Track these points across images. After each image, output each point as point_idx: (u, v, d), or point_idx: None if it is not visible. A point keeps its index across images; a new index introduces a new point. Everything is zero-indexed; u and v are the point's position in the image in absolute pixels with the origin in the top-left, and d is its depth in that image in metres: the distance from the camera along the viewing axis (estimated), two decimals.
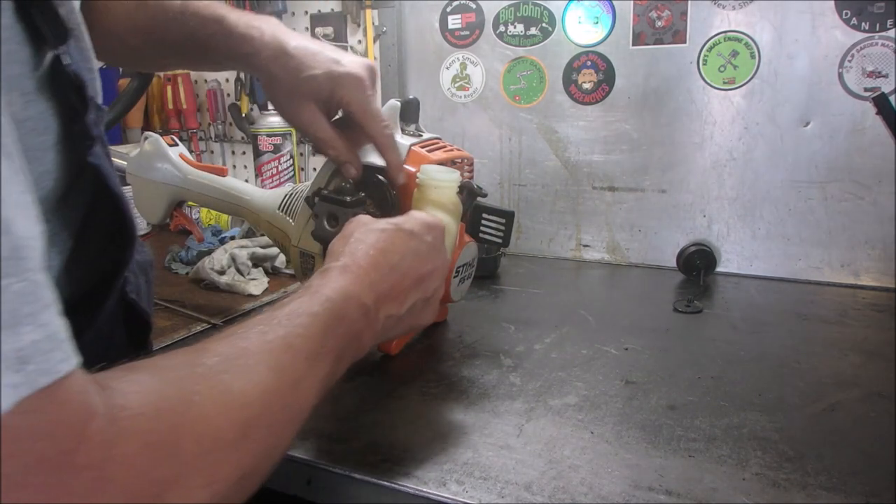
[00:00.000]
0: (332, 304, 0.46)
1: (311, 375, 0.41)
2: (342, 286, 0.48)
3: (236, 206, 0.89)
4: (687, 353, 0.78)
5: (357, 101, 0.65)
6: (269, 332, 0.40)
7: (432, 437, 0.59)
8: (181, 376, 0.34)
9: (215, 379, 0.35)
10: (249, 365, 0.37)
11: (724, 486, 0.51)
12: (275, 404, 0.37)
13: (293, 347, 0.41)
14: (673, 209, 1.16)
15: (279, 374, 0.38)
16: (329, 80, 0.64)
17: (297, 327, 0.42)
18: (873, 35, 0.98)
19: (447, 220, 0.65)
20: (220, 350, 0.37)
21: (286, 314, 0.43)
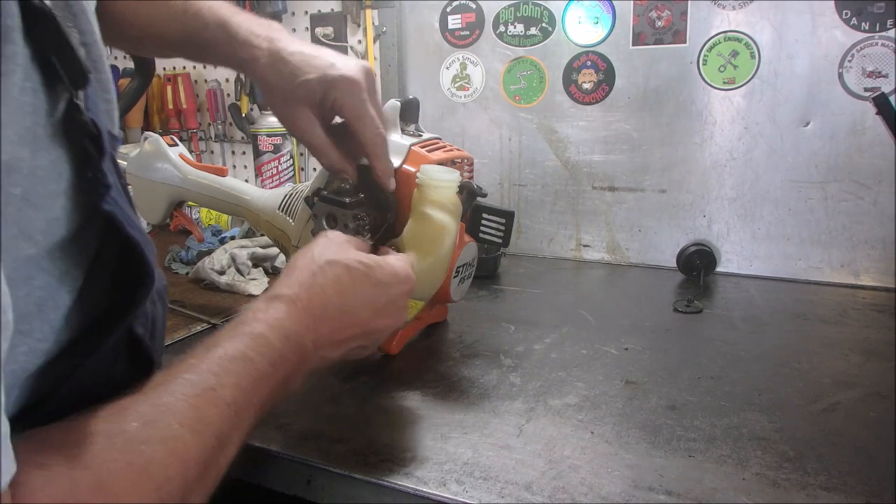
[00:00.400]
0: (270, 348, 0.44)
1: (237, 429, 0.40)
2: (285, 325, 0.46)
3: (236, 206, 0.89)
4: (687, 353, 0.78)
5: (350, 105, 0.64)
6: (198, 382, 0.39)
7: (432, 437, 0.59)
8: (97, 454, 0.32)
9: (133, 453, 0.33)
10: (171, 429, 0.35)
11: (724, 486, 0.51)
12: (194, 470, 0.36)
13: (221, 401, 0.39)
14: (673, 209, 1.16)
15: (203, 434, 0.37)
16: (322, 83, 0.63)
17: (229, 376, 0.40)
18: (873, 35, 0.98)
19: (447, 220, 0.65)
20: (142, 411, 0.36)
21: (219, 359, 0.41)
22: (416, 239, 0.65)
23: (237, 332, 0.44)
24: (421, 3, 1.28)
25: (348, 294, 0.51)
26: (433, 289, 0.68)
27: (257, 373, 0.42)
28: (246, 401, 0.41)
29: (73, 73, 0.34)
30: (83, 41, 0.40)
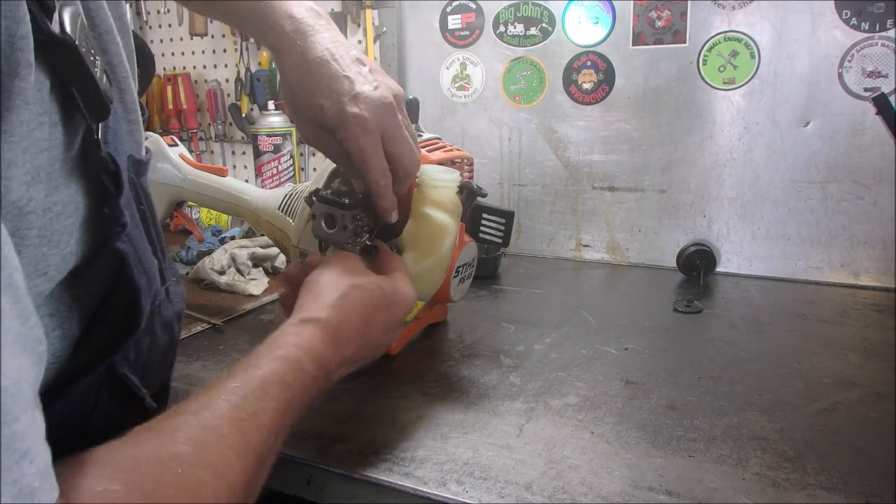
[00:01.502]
0: (304, 373, 0.45)
1: (273, 451, 0.41)
2: (316, 349, 0.47)
3: (236, 206, 0.89)
4: (687, 353, 0.78)
5: (358, 149, 0.58)
6: (242, 406, 0.39)
7: (432, 437, 0.59)
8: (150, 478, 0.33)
9: (186, 478, 0.34)
10: (220, 452, 0.36)
11: (724, 486, 0.51)
12: (239, 492, 0.37)
13: (262, 425, 0.40)
14: (673, 209, 1.16)
15: (247, 457, 0.38)
16: (334, 116, 0.57)
17: (270, 400, 0.41)
18: (873, 35, 0.98)
19: (447, 220, 0.65)
20: (192, 435, 0.36)
21: (259, 382, 0.42)
22: (416, 239, 0.65)
23: (275, 356, 0.45)
24: (421, 3, 1.28)
25: (369, 318, 0.53)
26: (433, 289, 0.68)
27: (293, 398, 0.43)
28: (282, 424, 0.42)
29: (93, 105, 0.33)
30: (108, 61, 0.39)
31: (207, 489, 0.34)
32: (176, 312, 0.47)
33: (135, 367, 0.42)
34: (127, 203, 0.37)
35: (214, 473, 0.35)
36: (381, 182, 0.60)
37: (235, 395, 0.40)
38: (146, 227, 0.43)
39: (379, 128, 0.58)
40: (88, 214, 0.34)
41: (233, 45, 1.56)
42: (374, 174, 0.59)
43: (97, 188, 0.35)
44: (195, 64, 1.64)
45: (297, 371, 0.44)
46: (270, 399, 0.41)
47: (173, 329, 0.47)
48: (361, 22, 1.36)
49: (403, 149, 0.60)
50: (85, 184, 0.34)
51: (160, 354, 0.46)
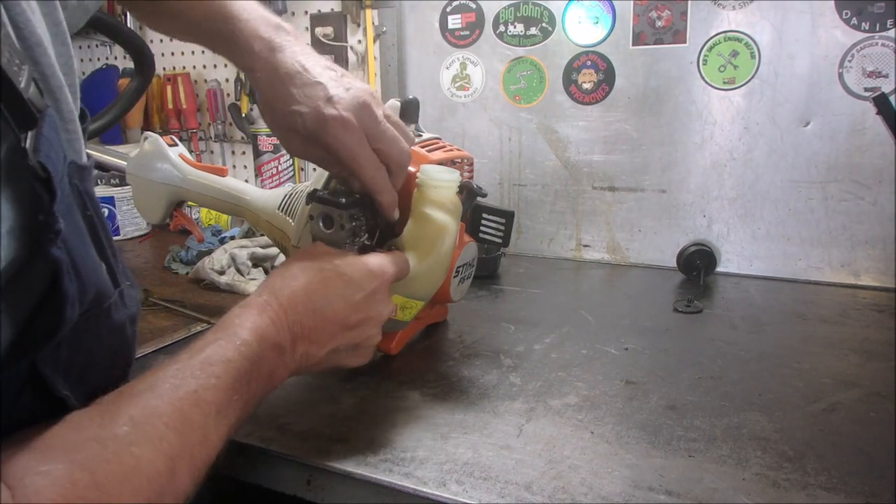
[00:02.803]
0: (248, 347, 0.47)
1: (219, 427, 0.43)
2: (258, 326, 0.48)
3: (236, 206, 0.89)
4: (687, 353, 0.78)
5: (344, 148, 0.58)
6: (181, 385, 0.42)
7: (432, 437, 0.59)
8: (92, 456, 0.35)
9: (124, 454, 0.36)
10: (158, 430, 0.38)
11: (724, 486, 0.51)
12: (181, 467, 0.39)
13: (203, 402, 0.42)
14: (673, 209, 1.16)
15: (187, 433, 0.40)
16: (315, 121, 0.58)
17: (210, 377, 0.43)
18: (873, 35, 0.98)
19: (447, 220, 0.65)
20: (131, 414, 0.38)
21: (200, 363, 0.44)
22: (416, 239, 0.65)
23: (216, 337, 0.47)
24: (421, 3, 1.28)
25: (319, 294, 0.53)
26: (433, 289, 0.68)
27: (237, 372, 0.45)
28: (227, 399, 0.44)
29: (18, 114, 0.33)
30: (40, 72, 0.40)
31: (145, 463, 0.37)
32: (129, 315, 0.48)
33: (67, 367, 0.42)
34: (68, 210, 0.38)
35: (152, 449, 0.37)
36: (376, 176, 0.61)
37: (175, 376, 0.42)
38: (93, 231, 0.43)
39: (360, 126, 0.59)
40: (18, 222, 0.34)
41: None
42: (366, 170, 0.60)
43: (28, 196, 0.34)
44: (195, 64, 1.63)
45: (238, 347, 0.46)
46: (211, 377, 0.43)
47: (124, 332, 0.47)
48: (361, 22, 1.36)
49: (390, 143, 0.61)
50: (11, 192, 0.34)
51: (107, 357, 0.46)
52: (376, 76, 1.36)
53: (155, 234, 1.43)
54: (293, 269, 0.55)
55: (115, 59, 1.76)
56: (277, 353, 0.49)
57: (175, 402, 0.41)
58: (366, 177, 0.61)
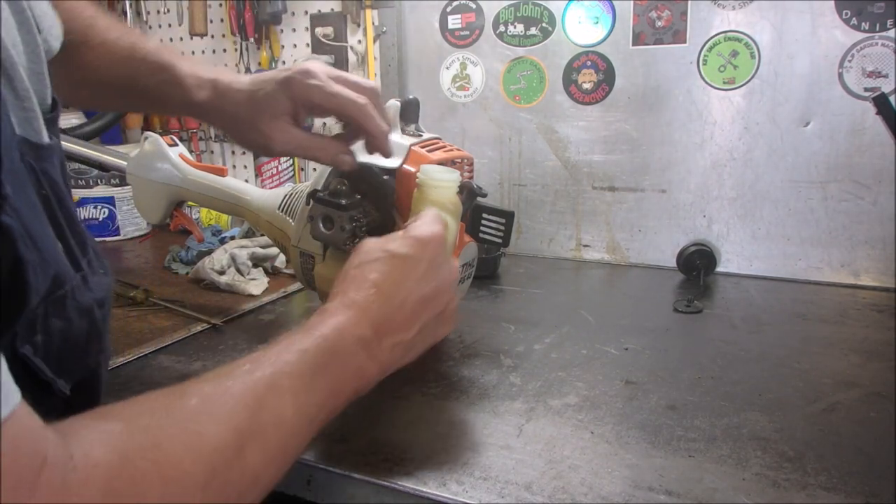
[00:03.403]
0: (325, 340, 0.47)
1: (298, 413, 0.43)
2: (337, 323, 0.49)
3: (236, 206, 0.89)
4: (687, 353, 0.78)
5: (315, 89, 0.63)
6: (256, 370, 0.42)
7: (432, 437, 0.59)
8: (154, 423, 0.35)
9: (190, 422, 0.36)
10: (228, 406, 0.38)
11: (724, 486, 0.51)
12: (251, 445, 0.38)
13: (277, 386, 0.42)
14: (673, 209, 1.16)
15: (259, 413, 0.40)
16: (282, 85, 0.63)
17: (285, 365, 0.43)
18: (873, 35, 0.98)
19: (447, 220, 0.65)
20: (203, 390, 0.39)
21: (275, 352, 0.44)
22: None
23: (292, 334, 0.47)
24: (421, 3, 1.28)
25: (384, 283, 0.53)
26: None
27: (314, 363, 0.45)
28: (303, 386, 0.43)
29: None
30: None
31: (210, 433, 0.36)
32: (96, 300, 0.47)
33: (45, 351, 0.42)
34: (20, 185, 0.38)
35: (219, 421, 0.37)
36: (359, 102, 0.64)
37: (250, 362, 0.43)
38: (50, 212, 0.43)
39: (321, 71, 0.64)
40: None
41: (233, 45, 1.56)
42: (346, 99, 0.63)
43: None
44: None
45: (316, 339, 0.46)
46: (288, 364, 0.43)
47: (93, 315, 0.47)
48: (361, 22, 1.36)
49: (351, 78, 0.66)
50: None
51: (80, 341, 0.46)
52: (376, 76, 1.36)
53: (155, 234, 1.43)
54: (352, 270, 0.54)
55: None
56: (361, 347, 0.49)
57: (249, 384, 0.40)
58: (347, 107, 0.63)
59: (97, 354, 0.49)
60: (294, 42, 1.47)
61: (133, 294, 0.95)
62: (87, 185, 1.38)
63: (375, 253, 0.55)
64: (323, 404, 0.45)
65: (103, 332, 0.50)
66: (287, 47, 1.48)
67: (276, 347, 0.45)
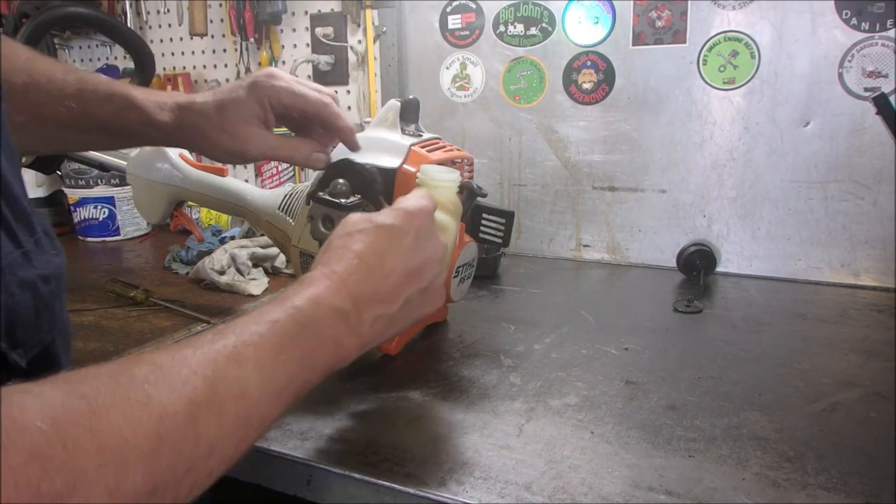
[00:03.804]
0: (298, 310, 0.45)
1: (263, 385, 0.40)
2: (313, 293, 0.47)
3: (236, 206, 0.89)
4: (687, 353, 0.78)
5: (284, 90, 0.64)
6: (218, 340, 0.40)
7: (432, 437, 0.59)
8: (95, 388, 0.33)
9: (135, 389, 0.34)
10: (182, 375, 0.36)
11: (724, 486, 0.51)
12: (206, 415, 0.36)
13: (241, 356, 0.40)
14: (673, 209, 1.16)
15: (218, 382, 0.37)
16: (250, 90, 0.64)
17: (252, 335, 0.41)
18: (873, 35, 0.98)
19: (447, 220, 0.65)
20: (157, 360, 0.37)
21: (243, 323, 0.42)
22: None
23: (267, 304, 0.46)
24: (421, 3, 1.28)
25: (366, 253, 0.51)
26: None
27: (284, 332, 0.43)
28: (270, 358, 0.41)
29: None
30: None
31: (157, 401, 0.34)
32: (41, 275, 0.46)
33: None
34: None
35: (169, 389, 0.35)
36: (325, 100, 0.65)
37: (215, 334, 0.41)
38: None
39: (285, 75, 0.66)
40: None
41: (233, 45, 1.56)
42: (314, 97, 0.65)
43: None
44: (195, 64, 1.63)
45: (288, 309, 0.45)
46: (255, 335, 0.41)
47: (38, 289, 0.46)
48: (361, 22, 1.36)
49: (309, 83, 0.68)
50: None
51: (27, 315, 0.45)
52: (376, 76, 1.36)
53: (155, 234, 1.43)
54: (335, 241, 0.53)
55: (115, 59, 1.76)
56: (339, 319, 0.47)
57: (209, 353, 0.39)
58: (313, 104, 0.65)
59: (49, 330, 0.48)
60: (294, 42, 1.47)
61: (133, 294, 0.95)
62: (87, 185, 1.38)
63: (360, 224, 0.53)
64: (293, 377, 0.43)
65: (54, 308, 0.49)
66: (287, 47, 1.48)
67: (244, 318, 0.43)
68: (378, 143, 0.73)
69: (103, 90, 0.65)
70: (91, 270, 1.17)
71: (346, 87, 1.43)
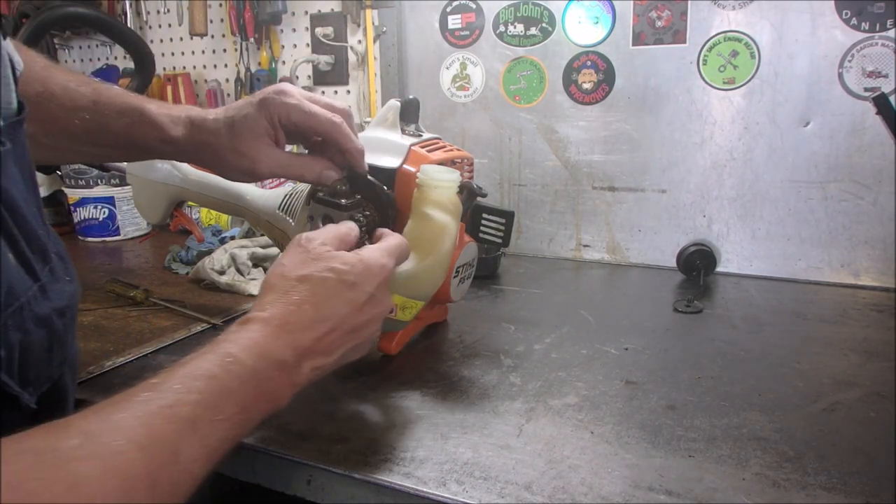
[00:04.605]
0: (238, 364, 0.43)
1: (197, 444, 0.39)
2: (256, 342, 0.45)
3: (236, 206, 0.89)
4: (687, 353, 0.78)
5: (293, 107, 0.63)
6: (154, 399, 0.38)
7: (432, 437, 0.59)
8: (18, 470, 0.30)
9: (63, 469, 0.32)
10: (114, 446, 0.34)
11: (724, 486, 0.51)
12: (139, 487, 0.34)
13: (177, 417, 0.38)
14: (673, 209, 1.16)
15: (152, 450, 0.36)
16: (261, 107, 0.63)
17: (190, 393, 0.39)
18: (873, 35, 0.98)
19: (447, 220, 0.65)
20: (86, 428, 0.35)
21: (181, 377, 0.41)
22: (417, 239, 0.65)
23: (205, 352, 0.44)
24: (421, 3, 1.28)
25: (323, 304, 0.50)
26: (433, 289, 0.68)
27: (222, 389, 0.42)
28: (209, 416, 0.40)
29: None
30: None
31: (89, 481, 0.32)
32: (56, 309, 0.45)
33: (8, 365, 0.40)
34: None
35: (101, 465, 0.33)
36: (336, 120, 0.64)
37: (152, 390, 0.39)
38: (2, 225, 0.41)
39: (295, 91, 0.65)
40: None
41: (233, 45, 1.56)
42: (324, 116, 0.64)
43: None
44: (195, 64, 1.64)
45: (229, 364, 0.43)
46: (192, 392, 0.40)
47: (52, 325, 0.45)
48: (361, 22, 1.36)
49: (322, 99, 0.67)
50: None
51: (40, 351, 0.44)
52: (376, 76, 1.36)
53: (155, 234, 1.43)
54: (291, 278, 0.51)
55: (116, 59, 1.76)
56: (279, 370, 0.46)
57: (143, 417, 0.36)
58: (323, 125, 0.64)
59: (60, 364, 0.47)
60: (294, 42, 1.47)
61: (133, 294, 0.95)
62: (87, 185, 1.38)
63: (324, 266, 0.52)
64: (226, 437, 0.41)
65: (66, 341, 0.48)
66: (287, 47, 1.48)
67: (182, 370, 0.41)
68: (378, 143, 0.73)
69: (118, 103, 0.65)
70: (91, 270, 1.17)
71: (346, 87, 1.43)
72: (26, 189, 0.44)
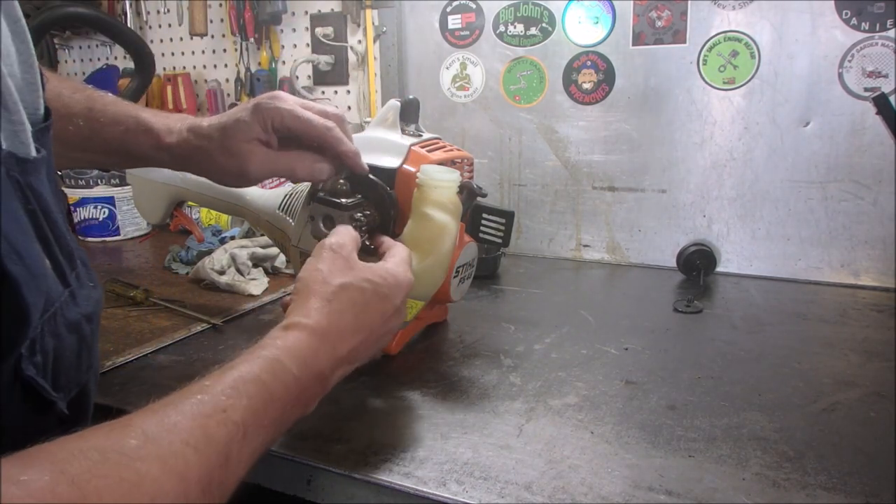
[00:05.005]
0: (285, 373, 0.45)
1: (245, 449, 0.40)
2: (301, 351, 0.47)
3: (236, 206, 0.89)
4: (687, 353, 0.78)
5: (287, 113, 0.63)
6: (208, 402, 0.39)
7: (432, 437, 0.59)
8: (85, 468, 0.31)
9: (127, 468, 0.33)
10: (173, 446, 0.35)
11: (724, 486, 0.51)
12: (194, 489, 0.36)
13: (230, 422, 0.39)
14: (673, 209, 1.16)
15: (207, 453, 0.37)
16: (254, 113, 0.63)
17: (241, 397, 0.41)
18: (873, 35, 0.98)
19: (447, 220, 0.65)
20: (145, 428, 0.36)
21: (233, 381, 0.42)
22: (416, 239, 0.65)
23: (254, 356, 0.45)
24: (421, 3, 1.28)
25: (362, 315, 0.53)
26: (433, 289, 0.68)
27: (269, 395, 0.43)
28: (256, 422, 0.41)
29: None
30: None
31: (150, 480, 0.33)
32: (84, 314, 0.46)
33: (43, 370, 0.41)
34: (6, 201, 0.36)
35: (162, 466, 0.34)
36: (329, 125, 0.64)
37: (204, 392, 0.40)
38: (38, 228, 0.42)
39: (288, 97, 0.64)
40: None
41: (233, 45, 1.56)
42: (317, 121, 0.63)
43: None
44: (195, 64, 1.64)
45: (276, 370, 0.44)
46: (242, 397, 0.41)
47: (82, 330, 0.46)
48: (361, 22, 1.36)
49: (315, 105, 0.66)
50: None
51: (70, 357, 0.45)
52: (376, 76, 1.36)
53: (155, 234, 1.43)
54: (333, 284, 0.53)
55: (116, 59, 1.76)
56: (317, 381, 0.48)
57: (199, 419, 0.38)
58: (318, 130, 0.64)
59: (87, 370, 0.48)
60: (294, 42, 1.47)
61: (133, 294, 0.95)
62: (87, 185, 1.38)
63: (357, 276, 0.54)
64: (270, 438, 0.44)
65: (92, 347, 0.48)
66: (287, 47, 1.48)
67: (232, 373, 0.43)
68: (378, 143, 0.73)
69: (112, 111, 0.65)
70: None
71: (346, 87, 1.43)
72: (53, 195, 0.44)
